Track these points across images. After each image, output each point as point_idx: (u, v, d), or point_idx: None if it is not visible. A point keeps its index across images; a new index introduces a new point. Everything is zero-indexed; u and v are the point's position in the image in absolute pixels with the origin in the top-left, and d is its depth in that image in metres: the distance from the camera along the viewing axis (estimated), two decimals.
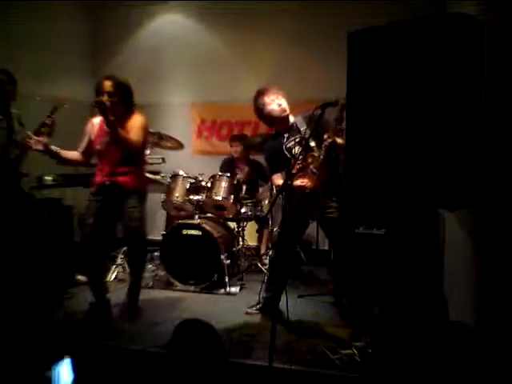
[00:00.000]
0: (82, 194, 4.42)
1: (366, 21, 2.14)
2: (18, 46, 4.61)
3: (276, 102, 3.07)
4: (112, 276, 4.03)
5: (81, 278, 3.75)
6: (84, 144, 3.15)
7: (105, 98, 2.89)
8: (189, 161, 5.30)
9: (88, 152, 3.16)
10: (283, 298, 2.78)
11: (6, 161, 3.29)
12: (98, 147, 3.07)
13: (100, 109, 2.83)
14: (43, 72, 3.76)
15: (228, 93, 5.49)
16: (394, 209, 2.53)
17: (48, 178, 4.15)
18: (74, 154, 3.16)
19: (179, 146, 4.52)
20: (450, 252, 3.17)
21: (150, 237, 3.34)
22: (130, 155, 3.03)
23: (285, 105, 3.09)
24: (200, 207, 4.17)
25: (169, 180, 4.20)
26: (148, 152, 4.19)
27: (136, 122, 3.06)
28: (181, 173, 4.16)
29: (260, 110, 3.12)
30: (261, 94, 3.10)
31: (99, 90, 2.95)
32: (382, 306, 2.81)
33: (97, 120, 3.12)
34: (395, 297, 2.75)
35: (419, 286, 2.81)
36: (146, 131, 3.13)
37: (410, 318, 2.68)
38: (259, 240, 4.81)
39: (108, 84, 2.95)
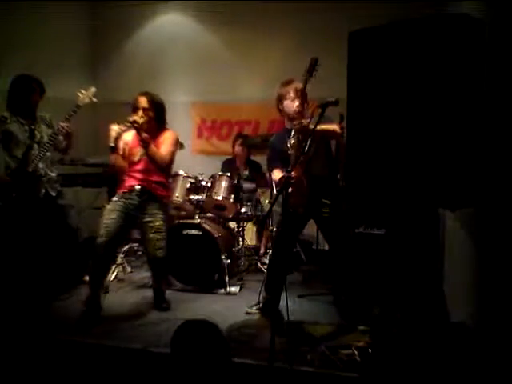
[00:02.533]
0: (82, 194, 4.44)
1: (366, 21, 2.14)
2: (18, 46, 4.60)
3: (296, 103, 3.06)
4: (112, 276, 4.02)
5: (88, 278, 3.76)
6: (125, 152, 3.24)
7: (139, 114, 3.10)
8: (189, 161, 5.28)
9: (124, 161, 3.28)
10: (283, 297, 2.79)
11: (28, 159, 3.39)
12: (133, 158, 3.23)
13: (134, 127, 3.02)
14: (43, 72, 3.77)
15: (228, 93, 5.49)
16: (394, 208, 2.53)
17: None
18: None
19: (179, 146, 4.50)
20: (450, 252, 3.17)
21: None
22: (160, 168, 3.22)
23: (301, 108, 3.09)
24: (200, 207, 4.16)
25: (169, 180, 4.19)
26: None
27: (167, 138, 3.26)
28: (181, 173, 4.16)
29: (279, 97, 3.14)
30: (289, 83, 3.11)
31: (135, 106, 3.14)
32: (382, 306, 2.81)
33: (129, 134, 3.24)
34: (395, 297, 2.75)
35: (419, 286, 2.81)
36: (175, 147, 3.32)
37: (411, 318, 2.68)
38: (259, 240, 4.81)
39: (143, 100, 3.15)
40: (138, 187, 3.20)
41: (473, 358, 2.26)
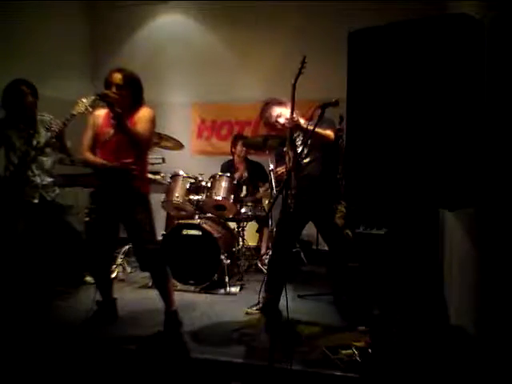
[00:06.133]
0: (82, 194, 4.44)
1: (366, 21, 2.15)
2: (18, 46, 4.61)
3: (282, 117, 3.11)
4: (112, 276, 4.02)
5: (89, 278, 3.79)
6: (90, 141, 2.97)
7: (112, 90, 2.82)
8: (189, 161, 5.29)
9: (94, 147, 2.98)
10: (283, 298, 2.79)
11: (24, 164, 3.35)
12: (102, 139, 2.92)
13: (105, 101, 2.76)
14: (43, 72, 3.78)
15: (228, 93, 5.49)
16: (394, 209, 2.53)
17: None
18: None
19: (179, 146, 4.51)
20: (450, 252, 3.17)
21: None
22: (135, 149, 2.88)
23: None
24: (200, 207, 4.16)
25: (169, 180, 4.19)
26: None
27: (144, 115, 2.94)
28: (181, 173, 4.15)
29: (277, 116, 3.14)
30: (283, 104, 3.13)
31: (108, 82, 2.87)
32: (381, 306, 2.81)
33: (101, 112, 3.00)
34: (395, 297, 2.75)
35: (419, 286, 2.81)
36: (153, 125, 2.98)
37: (410, 318, 2.68)
38: (259, 240, 4.81)
39: (117, 76, 2.86)
40: (111, 182, 2.90)
41: (472, 358, 2.26)
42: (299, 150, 3.02)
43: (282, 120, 3.09)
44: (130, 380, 2.53)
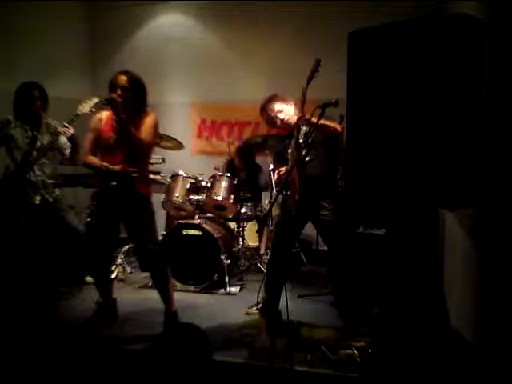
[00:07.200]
0: (82, 194, 4.44)
1: (366, 21, 2.15)
2: (18, 45, 4.60)
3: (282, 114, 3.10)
4: (112, 276, 4.02)
5: (89, 279, 3.78)
6: (91, 144, 2.97)
7: (117, 93, 2.81)
8: (189, 161, 5.29)
9: (95, 150, 2.99)
10: (283, 298, 2.79)
11: (27, 165, 3.40)
12: (105, 142, 2.94)
13: (111, 106, 2.78)
14: (42, 71, 3.79)
15: (228, 93, 5.48)
16: (394, 209, 2.53)
17: None
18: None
19: (179, 146, 4.52)
20: (450, 252, 3.17)
21: None
22: (137, 153, 2.91)
23: (287, 117, 3.10)
24: (200, 207, 4.16)
25: (169, 180, 4.19)
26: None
27: (148, 121, 2.94)
28: (181, 173, 4.15)
29: (278, 111, 3.12)
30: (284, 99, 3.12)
31: (113, 84, 2.85)
32: (381, 307, 2.81)
33: (102, 115, 2.99)
34: (395, 297, 2.75)
35: (419, 287, 2.81)
36: (156, 130, 3.01)
37: (410, 319, 2.68)
38: (259, 240, 4.81)
39: (123, 79, 2.85)
40: (112, 183, 2.89)
41: (471, 358, 2.26)
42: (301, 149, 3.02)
43: (281, 116, 3.08)
44: (129, 380, 2.52)
